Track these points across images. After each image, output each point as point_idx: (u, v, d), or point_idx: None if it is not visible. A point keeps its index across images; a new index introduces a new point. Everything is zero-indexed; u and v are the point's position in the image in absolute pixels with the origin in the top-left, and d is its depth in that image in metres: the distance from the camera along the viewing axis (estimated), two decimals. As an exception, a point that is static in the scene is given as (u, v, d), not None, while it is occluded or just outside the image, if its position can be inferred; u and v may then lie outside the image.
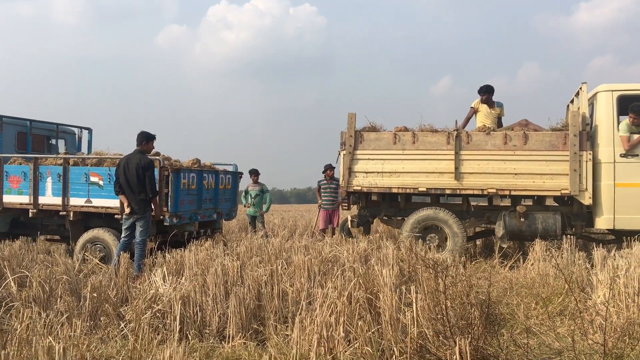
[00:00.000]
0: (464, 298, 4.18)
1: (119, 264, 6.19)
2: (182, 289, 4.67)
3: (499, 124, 8.94)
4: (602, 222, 7.75)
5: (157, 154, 8.75)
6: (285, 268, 5.57)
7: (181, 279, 5.31)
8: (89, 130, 11.76)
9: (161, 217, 7.74)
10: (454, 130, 8.29)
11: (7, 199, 9.26)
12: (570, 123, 7.83)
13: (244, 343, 4.20)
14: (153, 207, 7.54)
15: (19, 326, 3.72)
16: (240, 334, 4.32)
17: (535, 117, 8.78)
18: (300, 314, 3.84)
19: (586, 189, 7.74)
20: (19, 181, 9.18)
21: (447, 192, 8.29)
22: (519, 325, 4.56)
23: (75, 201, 8.79)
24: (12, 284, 5.26)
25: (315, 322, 3.50)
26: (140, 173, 7.27)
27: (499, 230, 8.04)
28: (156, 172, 7.78)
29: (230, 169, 10.14)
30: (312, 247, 6.80)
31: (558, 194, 7.90)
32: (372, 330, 3.68)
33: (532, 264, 6.63)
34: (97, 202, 8.65)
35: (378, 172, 8.45)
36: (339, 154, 8.79)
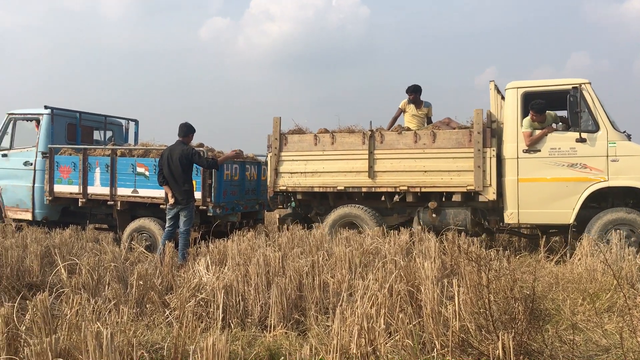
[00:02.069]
0: (508, 292, 4.11)
1: (164, 252, 6.34)
2: (225, 279, 4.75)
3: (428, 123, 8.93)
4: (508, 217, 7.86)
5: (201, 145, 8.92)
6: (326, 259, 5.59)
7: (224, 268, 5.39)
8: (136, 121, 12.04)
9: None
10: (369, 131, 8.46)
11: (58, 188, 9.61)
12: (474, 121, 7.95)
13: (285, 333, 4.25)
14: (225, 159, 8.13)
15: (69, 311, 3.86)
16: (281, 323, 4.36)
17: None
18: (341, 305, 3.85)
19: (490, 184, 7.86)
20: (69, 171, 9.50)
21: (364, 190, 8.50)
22: (564, 321, 4.46)
23: (123, 191, 9.07)
24: (63, 270, 5.45)
25: (356, 313, 3.50)
26: (184, 162, 7.40)
27: (415, 226, 8.22)
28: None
29: None
30: (353, 238, 6.80)
31: (464, 190, 8.02)
32: (413, 323, 3.67)
33: (579, 259, 6.46)
34: (143, 192, 8.91)
35: (301, 173, 8.71)
36: (267, 156, 9.08)
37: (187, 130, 7.74)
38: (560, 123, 8.15)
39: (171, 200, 7.54)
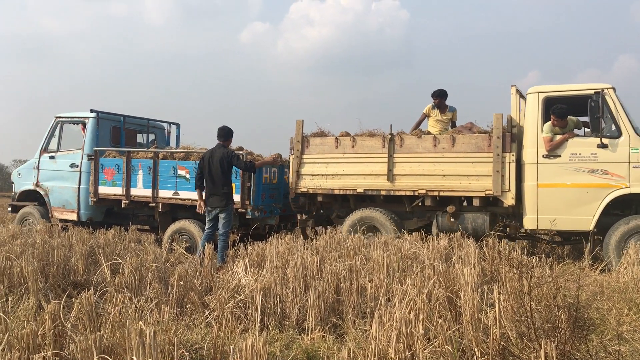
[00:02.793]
0: (550, 300, 4.02)
1: (203, 254, 6.43)
2: (263, 281, 4.79)
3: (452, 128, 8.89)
4: (527, 222, 7.80)
5: (240, 148, 9.04)
6: (364, 263, 5.58)
7: (262, 270, 5.44)
8: (177, 125, 12.26)
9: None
10: (389, 134, 8.52)
11: (102, 189, 9.86)
12: (494, 125, 7.94)
13: (323, 336, 4.25)
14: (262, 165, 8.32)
15: (112, 310, 3.96)
16: (319, 326, 4.37)
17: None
18: (379, 309, 3.83)
19: (509, 189, 7.80)
20: (113, 173, 9.75)
21: (383, 192, 8.55)
22: (609, 331, 4.33)
23: (164, 193, 9.28)
24: (106, 270, 5.58)
25: (394, 318, 3.48)
26: (224, 165, 7.52)
27: (434, 229, 8.24)
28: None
29: None
30: (392, 243, 6.76)
31: (482, 194, 7.97)
32: (453, 330, 3.62)
33: (626, 268, 6.27)
34: (184, 194, 9.09)
35: (322, 175, 8.81)
36: (289, 158, 9.18)
37: (227, 134, 7.87)
38: (584, 129, 8.01)
39: (200, 210, 7.78)
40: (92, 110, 10.49)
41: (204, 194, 7.80)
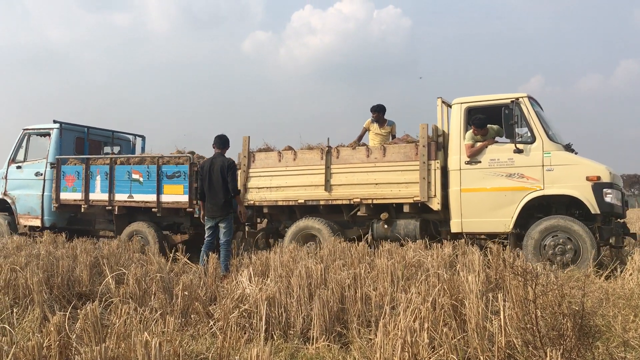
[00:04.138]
0: (556, 308, 4.00)
1: (207, 263, 6.44)
2: (268, 290, 4.78)
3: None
4: (454, 226, 8.17)
5: (192, 152, 9.83)
6: (368, 272, 5.57)
7: (266, 280, 5.44)
8: (142, 137, 12.92)
9: (244, 216, 8.01)
10: (326, 147, 8.98)
11: (64, 195, 10.45)
12: (420, 135, 8.39)
13: (328, 345, 4.24)
14: (238, 204, 7.84)
15: (117, 321, 3.96)
16: (323, 336, 4.36)
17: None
18: (383, 318, 3.83)
19: (435, 195, 8.20)
20: (74, 180, 10.37)
21: (322, 202, 8.93)
22: (615, 339, 4.31)
23: (120, 197, 9.89)
24: (111, 280, 5.59)
25: (399, 327, 3.47)
26: (225, 173, 7.55)
27: (369, 237, 8.53)
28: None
29: None
30: (396, 251, 6.76)
31: (411, 201, 8.36)
32: (458, 338, 3.61)
33: (631, 274, 6.25)
34: (138, 197, 9.74)
35: (267, 187, 9.22)
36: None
37: (225, 142, 7.96)
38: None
39: (203, 220, 7.82)
40: (55, 121, 11.08)
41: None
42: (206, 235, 7.75)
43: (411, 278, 5.40)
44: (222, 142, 7.90)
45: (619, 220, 8.06)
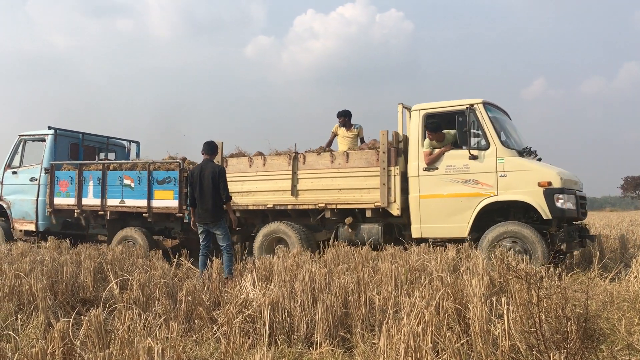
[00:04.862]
0: (560, 311, 3.99)
1: (211, 268, 6.43)
2: (271, 295, 4.78)
3: (361, 143, 9.55)
4: (414, 231, 8.30)
5: (184, 159, 9.92)
6: (372, 276, 5.57)
7: (270, 284, 5.43)
8: (137, 143, 13.04)
9: (234, 223, 8.04)
10: (294, 153, 9.14)
11: (57, 200, 10.62)
12: (380, 141, 8.50)
13: (332, 350, 4.24)
14: (228, 211, 7.90)
15: (121, 327, 3.96)
16: (327, 340, 4.36)
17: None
18: (387, 322, 3.82)
19: (395, 201, 8.35)
20: (67, 185, 10.55)
21: (289, 207, 9.11)
22: (620, 342, 4.29)
23: (112, 202, 10.07)
24: (115, 286, 5.60)
25: (403, 331, 3.47)
26: (216, 180, 7.62)
27: (332, 240, 8.64)
28: None
29: None
30: (399, 255, 6.75)
31: (372, 206, 8.49)
32: (461, 342, 3.61)
33: (636, 277, 6.22)
34: (129, 202, 9.91)
35: (239, 192, 9.26)
36: None
37: (214, 149, 8.09)
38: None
39: (193, 226, 7.91)
40: (49, 127, 11.27)
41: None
42: (201, 240, 7.82)
43: (415, 282, 5.40)
44: (210, 148, 7.98)
45: (578, 223, 8.20)
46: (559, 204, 7.48)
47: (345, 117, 9.74)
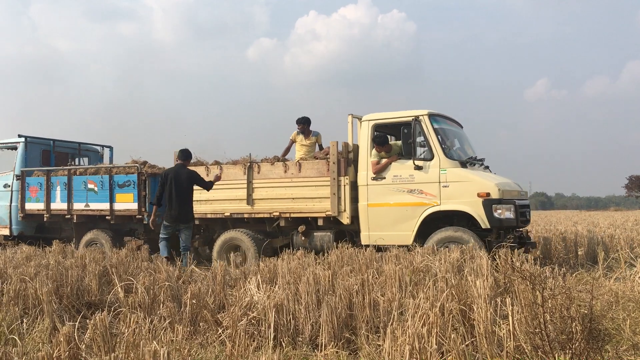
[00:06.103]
0: (564, 311, 3.99)
1: (170, 256, 7.51)
2: (276, 297, 4.78)
3: (320, 150, 9.62)
4: (363, 239, 8.57)
5: (145, 163, 10.32)
6: (376, 277, 5.56)
7: (275, 287, 5.44)
8: (110, 147, 13.36)
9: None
10: (248, 162, 9.35)
11: (28, 206, 11.07)
12: (330, 151, 8.71)
13: (336, 352, 4.24)
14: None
15: (126, 330, 3.98)
16: (332, 342, 4.36)
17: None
18: (391, 324, 3.82)
19: (344, 209, 8.61)
20: (37, 190, 10.93)
21: (245, 216, 9.34)
22: (625, 342, 4.28)
23: (77, 206, 10.45)
24: (120, 290, 5.61)
25: (407, 333, 3.47)
26: (194, 182, 8.59)
27: (292, 247, 8.92)
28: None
29: None
30: (403, 256, 6.74)
31: (324, 215, 8.73)
32: (466, 343, 3.60)
33: (640, 277, 6.20)
34: (94, 205, 10.28)
35: (197, 200, 9.29)
36: None
37: (188, 155, 8.95)
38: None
39: (152, 225, 8.65)
40: (20, 135, 11.64)
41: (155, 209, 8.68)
42: (163, 232, 8.52)
43: (419, 283, 5.39)
44: (184, 155, 8.86)
45: (519, 230, 8.42)
46: (496, 214, 7.80)
47: (304, 125, 9.76)
